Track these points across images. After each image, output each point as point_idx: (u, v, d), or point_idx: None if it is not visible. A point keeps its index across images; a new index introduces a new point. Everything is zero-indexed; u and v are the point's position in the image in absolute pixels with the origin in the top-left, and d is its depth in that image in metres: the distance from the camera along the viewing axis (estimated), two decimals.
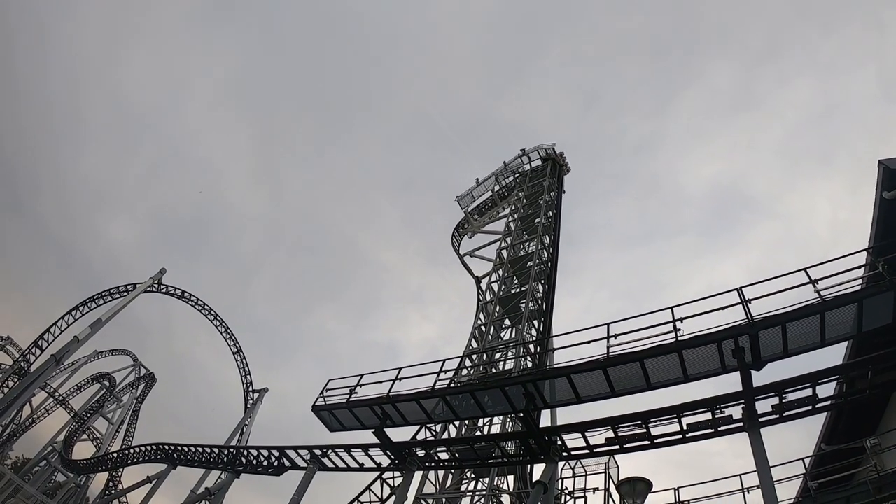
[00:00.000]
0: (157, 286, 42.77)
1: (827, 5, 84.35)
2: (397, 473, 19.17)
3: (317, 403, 18.28)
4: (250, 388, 47.49)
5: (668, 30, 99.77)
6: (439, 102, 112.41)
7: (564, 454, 15.40)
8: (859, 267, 11.45)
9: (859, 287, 11.45)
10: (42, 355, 36.62)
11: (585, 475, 16.51)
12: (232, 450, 28.09)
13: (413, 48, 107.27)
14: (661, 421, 13.62)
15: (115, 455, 37.85)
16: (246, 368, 48.11)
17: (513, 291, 27.32)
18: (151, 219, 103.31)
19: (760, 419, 12.34)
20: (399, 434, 17.87)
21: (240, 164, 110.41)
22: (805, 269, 11.81)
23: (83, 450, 52.00)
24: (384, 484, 20.07)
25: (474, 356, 23.85)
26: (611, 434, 14.31)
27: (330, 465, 20.38)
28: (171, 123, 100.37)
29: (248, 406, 46.37)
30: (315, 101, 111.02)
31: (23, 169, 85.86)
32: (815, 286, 11.51)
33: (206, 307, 47.33)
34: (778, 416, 12.39)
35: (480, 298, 28.96)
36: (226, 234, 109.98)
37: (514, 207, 34.73)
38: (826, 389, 12.28)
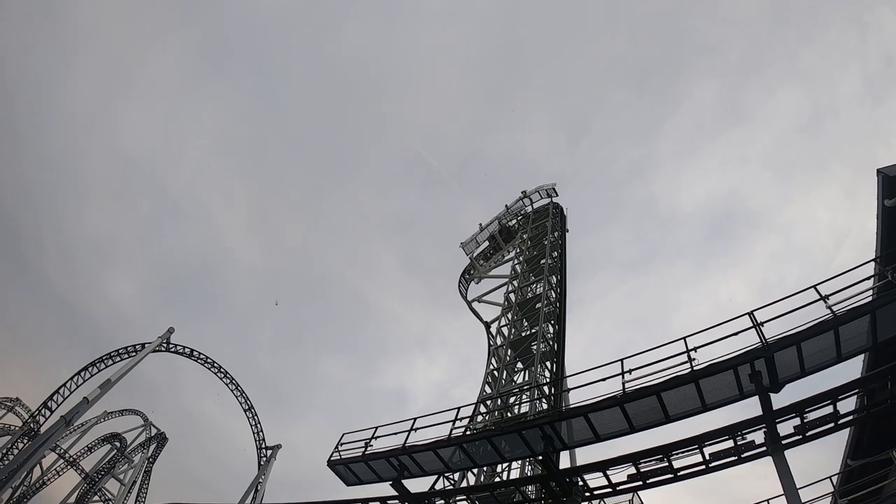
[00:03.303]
0: (165, 345, 42.65)
1: (804, 11, 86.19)
2: None
3: (332, 458, 17.95)
4: (263, 445, 46.76)
5: (650, 52, 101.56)
6: (429, 141, 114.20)
7: (587, 494, 15.07)
8: (868, 278, 11.47)
9: (871, 298, 11.46)
10: (51, 416, 36.17)
11: None
12: None
13: (399, 89, 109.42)
14: (682, 453, 13.42)
15: None
16: (258, 426, 47.40)
17: (523, 334, 27.20)
18: (153, 273, 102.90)
19: (783, 441, 12.19)
20: (417, 485, 17.52)
21: (236, 215, 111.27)
22: (815, 286, 11.85)
23: None
24: None
25: (489, 402, 23.57)
26: (633, 470, 14.07)
27: None
28: (167, 176, 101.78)
29: (262, 463, 45.50)
30: (306, 149, 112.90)
31: (26, 227, 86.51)
32: (826, 302, 11.54)
33: (215, 365, 46.84)
34: (801, 436, 12.24)
35: (491, 343, 28.79)
36: (226, 286, 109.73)
37: (518, 250, 34.93)
38: (847, 404, 12.16)
